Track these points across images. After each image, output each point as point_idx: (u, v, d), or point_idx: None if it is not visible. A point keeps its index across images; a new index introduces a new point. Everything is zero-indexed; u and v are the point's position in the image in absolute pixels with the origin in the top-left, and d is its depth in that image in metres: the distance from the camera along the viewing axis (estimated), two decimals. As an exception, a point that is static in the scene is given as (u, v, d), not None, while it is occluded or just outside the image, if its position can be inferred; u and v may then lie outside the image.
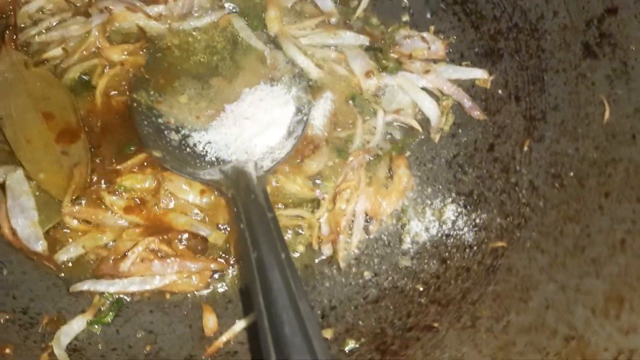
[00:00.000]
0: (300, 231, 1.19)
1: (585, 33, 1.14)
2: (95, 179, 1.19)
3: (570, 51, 1.15)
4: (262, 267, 0.87)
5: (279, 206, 1.19)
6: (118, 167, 1.19)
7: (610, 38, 1.10)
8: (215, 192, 1.21)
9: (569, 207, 1.02)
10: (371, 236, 1.18)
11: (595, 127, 1.06)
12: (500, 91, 1.23)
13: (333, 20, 1.37)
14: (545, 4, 1.21)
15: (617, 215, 0.94)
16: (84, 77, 1.27)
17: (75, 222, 1.16)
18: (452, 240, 1.13)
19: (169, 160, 1.17)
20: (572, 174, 1.05)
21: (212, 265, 1.16)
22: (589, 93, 1.10)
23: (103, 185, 1.18)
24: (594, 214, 0.98)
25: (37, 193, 1.17)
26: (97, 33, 1.27)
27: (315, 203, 1.20)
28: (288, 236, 1.18)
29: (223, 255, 1.18)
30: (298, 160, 1.24)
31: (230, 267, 1.17)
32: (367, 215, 1.18)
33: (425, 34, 1.33)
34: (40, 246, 1.13)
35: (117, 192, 1.18)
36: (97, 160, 1.21)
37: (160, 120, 1.22)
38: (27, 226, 1.13)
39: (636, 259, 0.87)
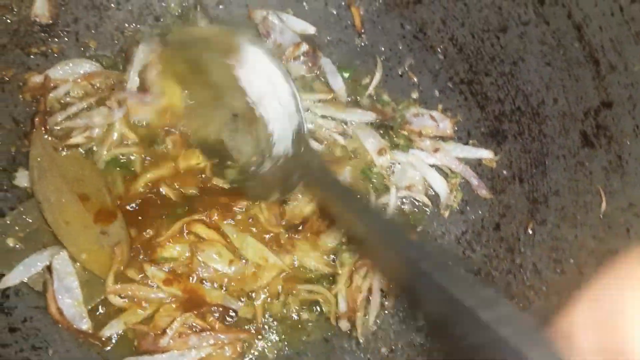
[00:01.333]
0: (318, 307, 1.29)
1: (583, 122, 1.23)
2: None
3: (570, 138, 1.24)
4: None
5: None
6: (158, 239, 1.27)
7: (606, 130, 1.19)
8: (242, 261, 1.29)
9: (570, 295, 1.11)
10: (387, 312, 1.28)
11: (593, 216, 1.15)
12: (505, 171, 1.33)
13: (341, 98, 1.46)
14: (546, 90, 1.30)
15: (613, 308, 1.04)
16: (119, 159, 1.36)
17: (119, 299, 1.25)
18: (462, 318, 1.22)
19: None
20: (572, 261, 1.15)
21: (242, 336, 1.26)
22: (587, 182, 1.19)
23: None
24: (592, 304, 1.07)
25: (82, 272, 1.26)
26: (119, 125, 1.35)
27: (332, 278, 1.30)
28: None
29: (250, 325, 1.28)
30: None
31: (257, 338, 1.27)
32: (382, 291, 1.28)
33: (434, 113, 1.43)
34: (85, 324, 1.23)
35: (157, 264, 1.27)
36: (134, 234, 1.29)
37: None
38: (72, 306, 1.23)
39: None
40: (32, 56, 1.43)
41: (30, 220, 1.29)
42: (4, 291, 1.23)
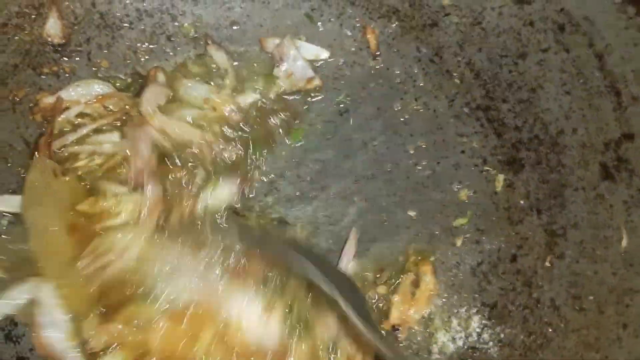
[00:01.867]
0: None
1: (604, 154, 1.21)
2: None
3: (589, 170, 1.22)
4: None
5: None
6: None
7: (627, 163, 1.17)
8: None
9: (589, 332, 1.09)
10: (401, 344, 1.26)
11: (613, 252, 1.13)
12: (522, 202, 1.30)
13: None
14: (565, 120, 1.28)
15: (635, 350, 1.01)
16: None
17: (100, 341, 1.15)
18: (478, 354, 1.20)
19: None
20: (591, 297, 1.12)
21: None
22: (607, 216, 1.17)
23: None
24: (613, 344, 1.04)
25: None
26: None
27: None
28: None
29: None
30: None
31: None
32: (395, 324, 1.25)
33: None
34: (75, 360, 1.16)
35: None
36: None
37: None
38: (58, 341, 1.15)
39: (653, 403, 0.94)
40: (43, 76, 1.42)
41: (18, 248, 1.22)
42: (12, 319, 1.22)
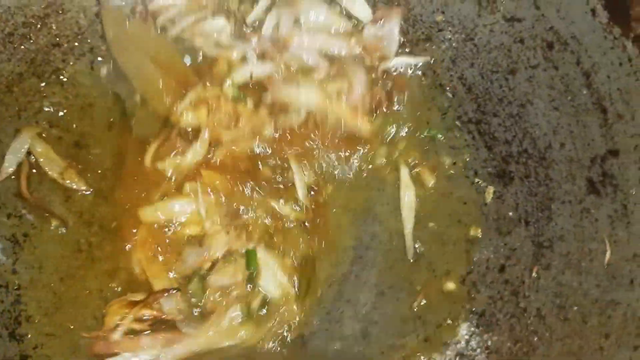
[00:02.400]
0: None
1: (590, 169, 1.25)
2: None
3: (576, 185, 1.26)
4: None
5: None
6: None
7: (612, 179, 1.21)
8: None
9: (573, 342, 1.13)
10: (391, 349, 1.30)
11: (598, 264, 1.17)
12: (511, 213, 1.34)
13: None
14: (553, 135, 1.32)
15: (616, 359, 1.05)
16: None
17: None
18: (466, 360, 1.25)
19: None
20: (575, 308, 1.16)
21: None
22: (592, 229, 1.21)
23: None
24: (595, 353, 1.08)
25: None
26: None
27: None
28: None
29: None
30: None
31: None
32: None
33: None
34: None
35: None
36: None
37: None
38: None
39: (632, 411, 0.98)
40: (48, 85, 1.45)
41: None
42: (16, 317, 1.25)
